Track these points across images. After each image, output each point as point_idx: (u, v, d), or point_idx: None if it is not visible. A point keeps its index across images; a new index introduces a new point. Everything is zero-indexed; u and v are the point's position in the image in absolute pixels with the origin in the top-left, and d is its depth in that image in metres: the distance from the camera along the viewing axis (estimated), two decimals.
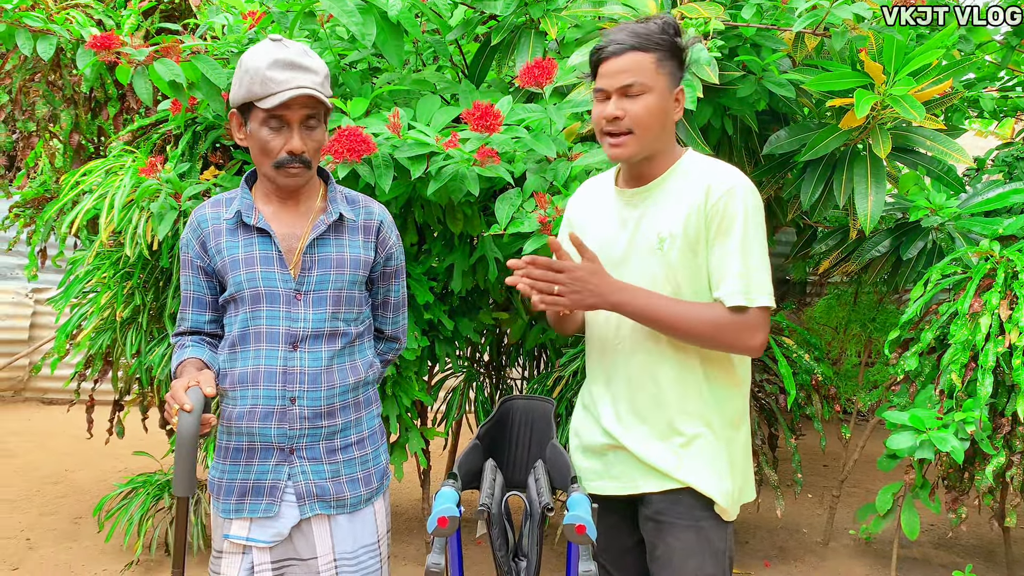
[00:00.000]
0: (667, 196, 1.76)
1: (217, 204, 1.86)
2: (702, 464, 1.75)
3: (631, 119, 1.70)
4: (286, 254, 1.80)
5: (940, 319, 2.86)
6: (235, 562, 1.82)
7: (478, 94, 2.89)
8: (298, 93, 1.68)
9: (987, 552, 3.85)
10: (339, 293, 1.82)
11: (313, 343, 1.80)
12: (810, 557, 3.82)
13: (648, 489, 1.78)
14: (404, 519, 4.20)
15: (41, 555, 3.66)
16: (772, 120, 3.04)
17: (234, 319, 1.82)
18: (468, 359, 3.85)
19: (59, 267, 3.96)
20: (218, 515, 1.84)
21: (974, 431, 2.66)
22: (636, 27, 1.72)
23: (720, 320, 1.69)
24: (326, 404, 1.81)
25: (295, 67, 1.69)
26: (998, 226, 2.91)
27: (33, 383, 6.56)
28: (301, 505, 1.80)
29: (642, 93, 1.70)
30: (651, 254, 1.75)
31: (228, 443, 1.84)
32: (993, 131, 5.32)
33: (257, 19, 2.91)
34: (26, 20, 2.97)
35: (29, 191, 3.97)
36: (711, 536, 1.76)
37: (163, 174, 2.88)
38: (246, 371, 1.79)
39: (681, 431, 1.76)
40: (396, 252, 1.96)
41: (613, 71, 1.71)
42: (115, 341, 3.48)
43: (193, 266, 1.85)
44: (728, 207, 1.69)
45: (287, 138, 1.73)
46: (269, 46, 1.72)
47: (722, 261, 1.70)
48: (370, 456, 1.90)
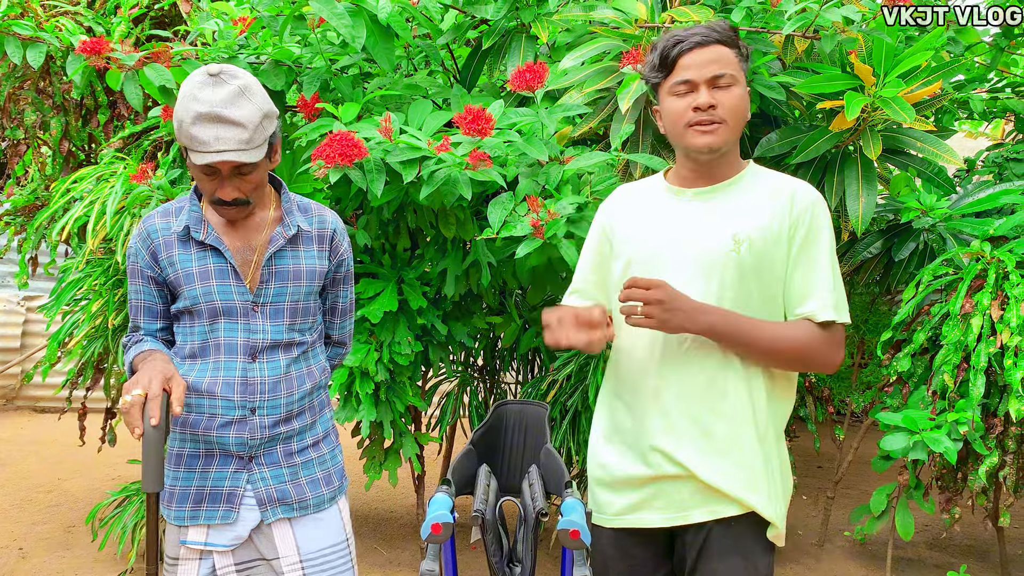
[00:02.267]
0: (744, 197, 1.70)
1: (167, 214, 1.81)
2: (765, 483, 1.67)
3: (724, 109, 1.64)
4: (241, 267, 1.78)
5: (932, 320, 2.87)
6: (192, 568, 1.80)
7: (469, 98, 2.89)
8: (218, 159, 1.61)
9: (981, 552, 3.86)
10: (296, 305, 1.82)
11: (271, 353, 1.79)
12: (806, 559, 3.82)
13: (700, 519, 1.69)
14: (399, 524, 4.19)
15: (34, 564, 3.63)
16: (763, 123, 3.04)
17: (190, 331, 1.79)
18: (462, 364, 3.85)
19: (50, 275, 3.94)
20: (171, 523, 1.82)
21: (967, 432, 2.67)
22: (709, 24, 1.67)
23: (812, 339, 1.63)
24: (285, 411, 1.80)
25: (220, 122, 1.60)
26: (989, 227, 2.92)
27: (25, 391, 6.54)
28: (263, 511, 1.79)
29: (731, 85, 1.65)
30: (723, 256, 1.65)
31: (182, 450, 1.81)
32: (983, 132, 5.35)
33: (248, 25, 2.91)
34: (15, 28, 2.96)
35: (19, 199, 3.95)
36: (758, 563, 1.70)
37: (154, 181, 2.87)
38: (203, 381, 1.76)
39: (745, 445, 1.66)
40: (347, 259, 1.95)
41: (701, 61, 1.64)
42: (107, 349, 3.47)
43: (143, 276, 1.81)
44: (815, 219, 1.65)
45: (217, 185, 1.69)
46: (199, 89, 1.62)
47: (810, 274, 1.64)
48: (327, 456, 1.90)
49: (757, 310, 1.66)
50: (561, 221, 2.37)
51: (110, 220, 2.89)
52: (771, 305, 1.68)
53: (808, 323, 1.65)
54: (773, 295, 1.68)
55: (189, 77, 1.66)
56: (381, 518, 4.29)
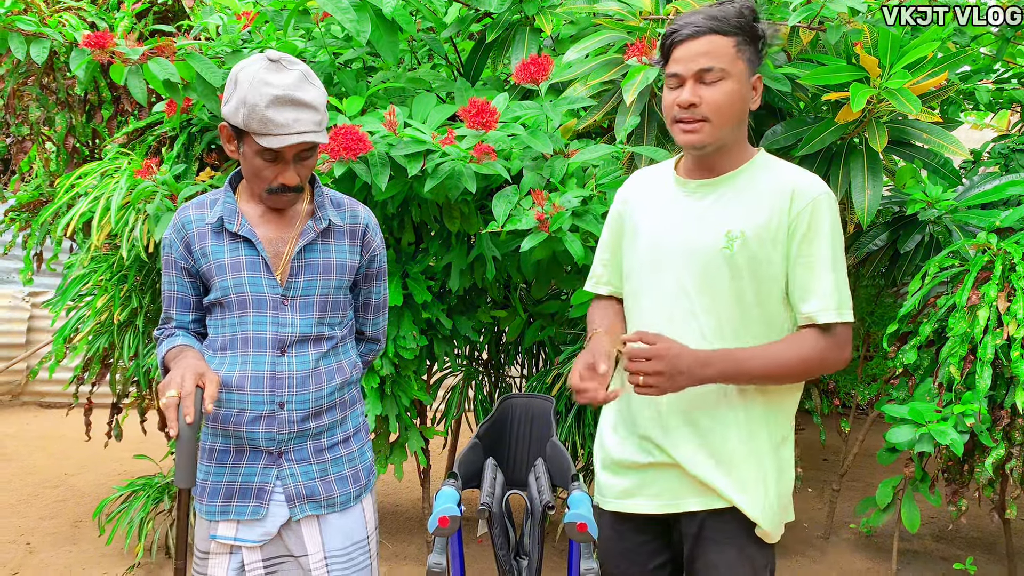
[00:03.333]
0: (741, 192, 1.66)
1: (201, 206, 1.83)
2: (753, 483, 1.68)
3: (708, 106, 1.59)
4: (272, 259, 1.78)
5: (938, 312, 2.86)
6: (223, 562, 1.81)
7: (474, 92, 2.88)
8: (297, 140, 1.64)
9: (988, 544, 3.86)
10: (326, 299, 1.81)
11: (300, 347, 1.79)
12: (811, 551, 3.82)
13: (692, 508, 1.70)
14: (404, 518, 4.20)
15: (41, 559, 3.65)
16: (768, 115, 3.03)
17: (221, 323, 1.80)
18: (467, 358, 3.85)
19: (55, 271, 3.95)
20: (203, 517, 1.83)
21: (973, 424, 2.66)
22: (712, 10, 1.60)
23: (816, 349, 1.61)
24: (314, 406, 1.80)
25: (297, 105, 1.63)
26: (995, 218, 2.91)
27: (31, 387, 6.55)
28: (292, 507, 1.80)
29: (720, 79, 1.59)
30: (715, 253, 1.64)
31: (214, 444, 1.82)
32: (989, 123, 5.32)
33: (251, 19, 2.90)
34: (19, 24, 2.96)
35: (24, 195, 3.96)
36: (752, 554, 1.69)
37: (159, 176, 2.88)
38: (233, 375, 1.77)
39: (734, 447, 1.67)
40: (380, 255, 1.95)
41: (690, 55, 1.59)
42: (112, 344, 3.47)
43: (177, 267, 1.82)
44: (815, 216, 1.61)
45: (281, 170, 1.70)
46: (267, 73, 1.63)
47: (811, 274, 1.62)
48: (356, 454, 1.90)
49: (751, 308, 1.65)
50: (566, 214, 2.37)
51: (114, 216, 2.89)
52: (767, 304, 1.66)
53: (810, 332, 1.63)
54: (769, 293, 1.65)
55: (246, 65, 1.66)
56: (387, 512, 4.30)
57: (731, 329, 1.66)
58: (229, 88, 1.69)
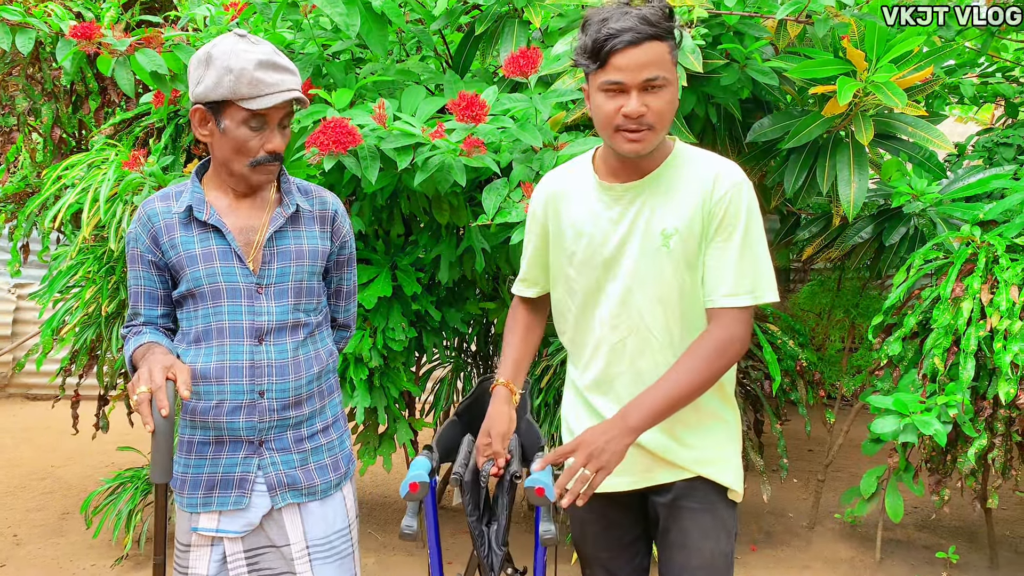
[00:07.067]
0: (667, 190, 1.68)
1: (167, 198, 1.82)
2: (716, 452, 1.75)
3: (653, 114, 1.58)
4: (243, 248, 1.78)
5: (923, 304, 2.89)
6: (204, 554, 1.81)
7: (463, 84, 2.88)
8: (289, 96, 1.69)
9: (970, 533, 3.90)
10: (299, 285, 1.82)
11: (278, 336, 1.80)
12: (796, 541, 3.86)
13: (664, 480, 1.76)
14: (393, 510, 4.21)
15: (28, 551, 3.64)
16: (755, 108, 3.05)
17: (193, 315, 1.79)
18: (456, 349, 3.86)
19: (43, 262, 3.93)
20: (183, 510, 1.83)
21: (956, 414, 2.69)
22: (643, 12, 1.56)
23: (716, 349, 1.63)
24: (293, 395, 1.81)
25: (280, 68, 1.70)
26: (979, 211, 2.94)
27: (17, 379, 6.52)
28: (273, 496, 1.81)
29: (664, 86, 1.57)
30: (655, 252, 1.67)
31: (192, 437, 1.82)
32: (973, 117, 5.37)
33: (240, 10, 2.89)
34: (4, 14, 2.93)
35: (10, 186, 3.93)
36: (724, 516, 1.77)
37: (146, 167, 2.87)
38: (210, 366, 1.77)
39: (692, 421, 1.72)
40: (349, 241, 1.96)
41: (635, 64, 1.54)
42: (100, 336, 3.46)
43: (144, 261, 1.81)
44: (732, 204, 1.63)
45: (266, 138, 1.72)
46: (244, 44, 1.69)
47: (722, 260, 1.65)
48: (336, 442, 1.92)
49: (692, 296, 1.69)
50: None
51: (103, 207, 2.88)
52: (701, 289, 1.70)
53: (705, 336, 1.65)
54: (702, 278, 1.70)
55: (217, 42, 1.71)
56: (375, 503, 4.31)
57: (675, 319, 1.71)
58: (199, 69, 1.70)
